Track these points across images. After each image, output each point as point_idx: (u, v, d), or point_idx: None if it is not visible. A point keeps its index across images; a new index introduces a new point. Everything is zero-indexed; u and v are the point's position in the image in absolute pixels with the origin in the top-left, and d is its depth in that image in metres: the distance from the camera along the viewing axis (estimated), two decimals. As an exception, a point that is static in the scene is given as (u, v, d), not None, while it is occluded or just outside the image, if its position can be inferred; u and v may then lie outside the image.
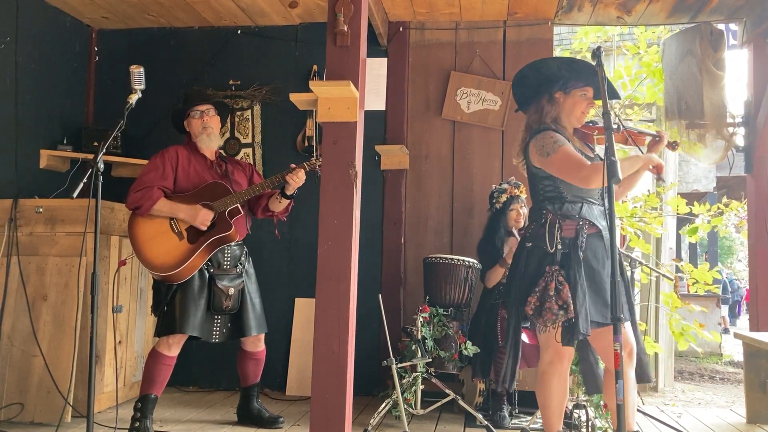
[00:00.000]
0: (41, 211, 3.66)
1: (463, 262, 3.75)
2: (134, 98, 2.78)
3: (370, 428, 3.31)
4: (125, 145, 4.39)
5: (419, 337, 3.46)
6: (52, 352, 3.45)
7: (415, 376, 3.43)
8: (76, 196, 2.60)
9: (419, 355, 3.42)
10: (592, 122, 2.81)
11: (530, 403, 3.52)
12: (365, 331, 3.90)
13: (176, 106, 3.57)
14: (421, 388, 3.46)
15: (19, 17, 3.99)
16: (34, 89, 4.15)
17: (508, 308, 2.81)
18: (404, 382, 3.42)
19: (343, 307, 2.81)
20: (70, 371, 3.39)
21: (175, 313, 3.15)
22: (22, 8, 4.01)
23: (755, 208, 4.17)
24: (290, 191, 3.32)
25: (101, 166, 2.63)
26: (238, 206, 3.25)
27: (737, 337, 3.87)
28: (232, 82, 4.60)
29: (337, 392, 2.76)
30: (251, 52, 4.63)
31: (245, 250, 3.44)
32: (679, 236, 9.31)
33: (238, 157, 4.48)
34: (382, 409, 3.38)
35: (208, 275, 3.23)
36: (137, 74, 2.77)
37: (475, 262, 3.80)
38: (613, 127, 2.36)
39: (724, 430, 3.62)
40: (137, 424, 3.13)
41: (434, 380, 3.48)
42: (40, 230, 3.66)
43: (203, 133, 3.34)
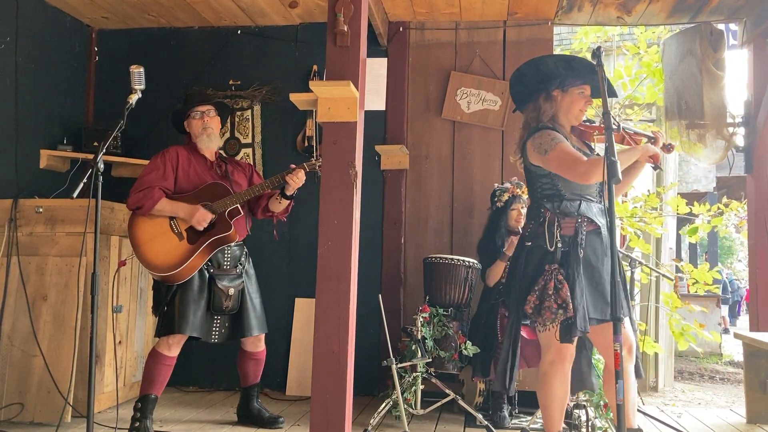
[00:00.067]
0: (41, 211, 3.66)
1: (463, 262, 3.75)
2: (134, 98, 2.78)
3: (370, 428, 3.31)
4: (125, 145, 4.40)
5: (419, 337, 3.46)
6: (52, 352, 3.45)
7: (415, 376, 3.43)
8: (76, 196, 2.60)
9: (419, 355, 3.42)
10: (589, 121, 2.81)
11: (530, 403, 3.52)
12: (365, 331, 3.90)
13: (176, 106, 3.58)
14: (421, 388, 3.46)
15: (19, 17, 3.99)
16: (34, 89, 4.15)
17: (507, 308, 2.80)
18: (404, 382, 3.42)
19: (343, 307, 2.80)
20: (70, 371, 3.39)
21: (175, 313, 3.15)
22: (22, 8, 4.01)
23: (755, 208, 4.17)
24: (290, 192, 3.32)
25: (101, 166, 2.63)
26: (238, 207, 3.26)
27: (737, 337, 3.87)
28: (232, 82, 4.60)
29: (337, 392, 2.75)
30: (251, 52, 4.63)
31: (245, 250, 3.44)
32: (679, 236, 9.31)
33: (238, 157, 4.48)
34: (382, 409, 3.38)
35: (208, 275, 3.24)
36: (137, 74, 2.77)
37: (475, 262, 3.81)
38: (613, 127, 2.36)
39: (724, 430, 3.62)
40: (137, 424, 3.13)
41: (434, 380, 3.47)
42: (40, 230, 3.66)
43: (203, 133, 3.35)
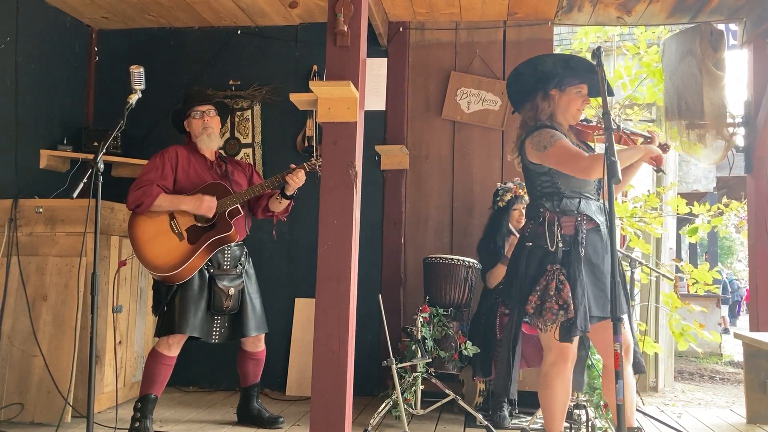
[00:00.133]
0: (41, 211, 3.66)
1: (463, 262, 3.75)
2: (134, 98, 2.78)
3: (370, 428, 3.31)
4: (125, 145, 4.39)
5: (419, 337, 3.46)
6: (52, 352, 3.45)
7: (415, 376, 3.43)
8: (76, 196, 2.60)
9: (419, 355, 3.42)
10: (586, 120, 2.81)
11: (530, 403, 3.52)
12: (365, 331, 3.90)
13: (176, 106, 3.57)
14: (421, 388, 3.46)
15: (19, 17, 3.99)
16: (34, 89, 4.15)
17: (508, 308, 2.78)
18: (404, 382, 3.42)
19: (343, 307, 2.80)
20: (70, 371, 3.39)
21: (175, 313, 3.15)
22: (22, 8, 4.01)
23: (755, 208, 4.17)
24: (290, 191, 3.32)
25: (101, 166, 2.63)
26: (238, 206, 3.26)
27: (737, 337, 3.87)
28: (232, 82, 4.60)
29: (337, 392, 2.75)
30: (251, 52, 4.63)
31: (245, 250, 3.44)
32: (679, 236, 9.31)
33: (238, 157, 4.48)
34: (382, 409, 3.38)
35: (208, 275, 3.24)
36: (137, 74, 2.76)
37: (475, 262, 3.81)
38: (615, 126, 2.36)
39: (724, 430, 3.62)
40: (137, 424, 3.13)
41: (434, 380, 3.47)
42: (40, 230, 3.66)
43: (203, 133, 3.35)
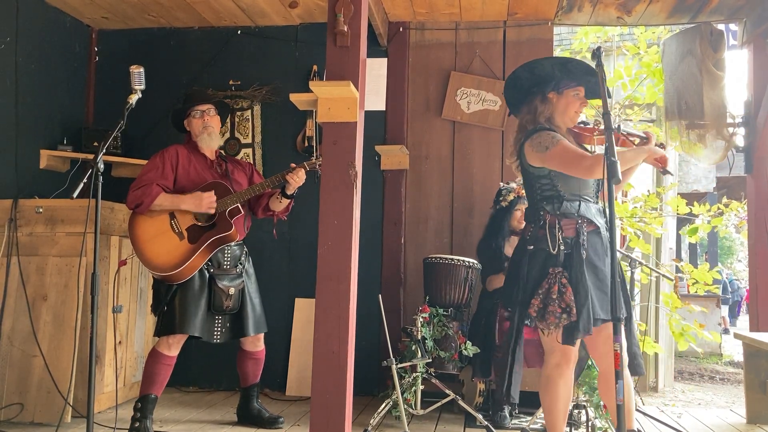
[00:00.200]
0: (41, 211, 3.66)
1: (463, 262, 3.75)
2: (134, 98, 2.78)
3: (370, 428, 3.31)
4: (125, 145, 4.39)
5: (419, 337, 3.46)
6: (52, 352, 3.45)
7: (415, 376, 3.43)
8: (76, 196, 2.60)
9: (419, 355, 3.42)
10: (583, 123, 2.81)
11: (530, 403, 3.51)
12: (365, 331, 3.90)
13: (176, 106, 3.57)
14: (421, 388, 3.46)
15: (19, 17, 3.99)
16: (34, 89, 4.15)
17: (509, 313, 2.76)
18: (404, 382, 3.42)
19: (343, 307, 2.80)
20: (70, 371, 3.39)
21: (174, 313, 3.15)
22: (22, 8, 4.01)
23: (755, 208, 4.16)
24: (290, 191, 3.32)
25: (101, 166, 2.63)
26: (238, 206, 3.26)
27: (737, 337, 3.87)
28: (232, 82, 4.60)
29: (337, 392, 2.75)
30: (251, 52, 4.63)
31: (245, 250, 3.44)
32: (679, 236, 9.32)
33: (238, 157, 4.48)
34: (382, 409, 3.38)
35: (208, 275, 3.24)
36: (137, 74, 2.76)
37: (475, 262, 3.80)
38: (613, 127, 2.36)
39: (724, 430, 3.62)
40: (137, 424, 3.13)
41: (434, 380, 3.47)
42: (40, 230, 3.66)
43: (204, 132, 3.35)
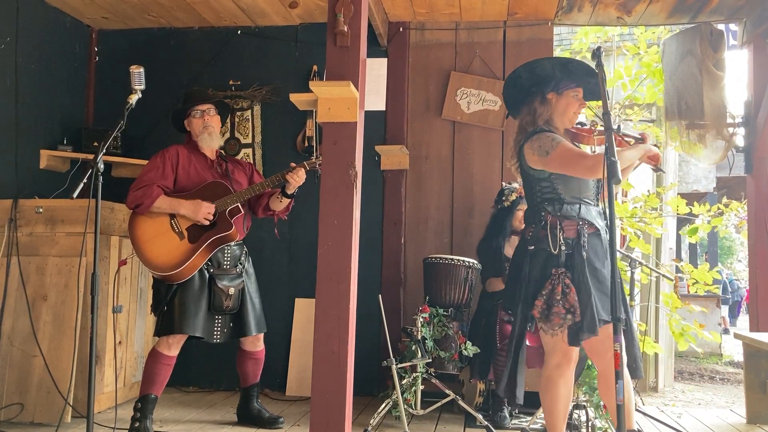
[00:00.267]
0: (41, 211, 3.66)
1: (463, 262, 3.75)
2: (134, 98, 2.78)
3: (370, 428, 3.31)
4: (125, 145, 4.40)
5: (419, 337, 3.46)
6: (52, 352, 3.45)
7: (415, 376, 3.43)
8: (76, 196, 2.60)
9: (419, 355, 3.42)
10: (580, 124, 2.81)
11: (530, 403, 3.51)
12: (365, 331, 3.89)
13: (176, 106, 3.57)
14: (421, 388, 3.46)
15: (19, 17, 3.99)
16: (34, 89, 4.15)
17: (509, 313, 2.75)
18: (404, 382, 3.42)
19: (343, 307, 2.80)
20: (70, 371, 3.39)
21: (174, 313, 3.15)
22: (22, 8, 4.01)
23: (755, 208, 4.16)
24: (291, 190, 3.32)
25: (101, 166, 2.62)
26: (238, 206, 3.26)
27: (737, 337, 3.87)
28: (232, 82, 4.60)
29: (337, 392, 2.75)
30: (251, 52, 4.63)
31: (245, 249, 3.44)
32: (679, 236, 9.31)
33: (238, 157, 4.48)
34: (382, 409, 3.38)
35: (208, 275, 3.24)
36: (137, 74, 2.76)
37: (475, 262, 3.80)
38: (613, 127, 2.36)
39: (724, 430, 3.62)
40: (137, 424, 3.13)
41: (434, 380, 3.47)
42: (40, 230, 3.66)
43: (204, 132, 3.35)
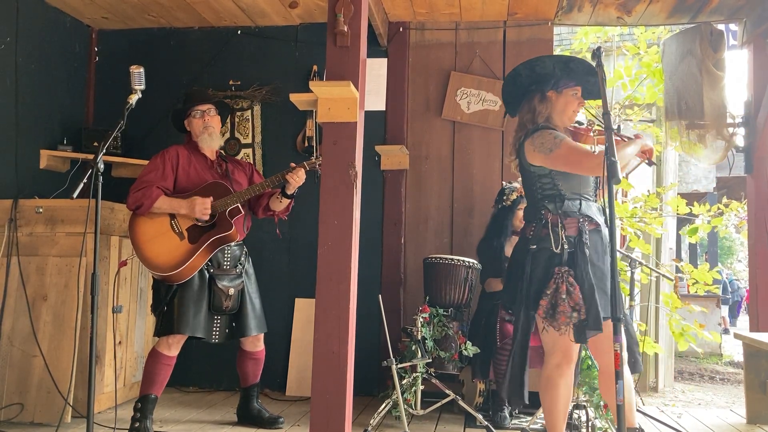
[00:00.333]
0: (41, 211, 3.66)
1: (463, 262, 3.75)
2: (134, 98, 2.78)
3: (370, 428, 3.31)
4: (125, 145, 4.40)
5: (419, 337, 3.46)
6: (52, 352, 3.45)
7: (415, 376, 3.43)
8: (76, 196, 2.60)
9: (419, 355, 3.42)
10: (578, 122, 2.81)
11: (530, 403, 3.49)
12: (365, 331, 3.89)
13: (176, 106, 3.57)
14: (421, 388, 3.46)
15: (19, 17, 3.99)
16: (34, 89, 4.15)
17: (510, 313, 2.74)
18: (404, 382, 3.42)
19: (343, 307, 2.80)
20: (70, 371, 3.39)
21: (174, 313, 3.15)
22: (22, 8, 4.01)
23: (755, 208, 4.16)
24: (291, 190, 3.32)
25: (101, 166, 2.62)
26: (238, 206, 3.26)
27: (737, 337, 3.87)
28: (232, 82, 4.60)
29: (337, 392, 2.75)
30: (251, 52, 4.63)
31: (245, 250, 3.44)
32: (679, 236, 9.31)
33: (238, 157, 4.47)
34: (382, 409, 3.38)
35: (208, 275, 3.24)
36: (137, 74, 2.76)
37: (475, 262, 3.80)
38: (613, 127, 2.36)
39: (724, 430, 3.62)
40: (137, 424, 3.13)
41: (434, 381, 3.47)
42: (40, 230, 3.66)
43: (204, 132, 3.35)
